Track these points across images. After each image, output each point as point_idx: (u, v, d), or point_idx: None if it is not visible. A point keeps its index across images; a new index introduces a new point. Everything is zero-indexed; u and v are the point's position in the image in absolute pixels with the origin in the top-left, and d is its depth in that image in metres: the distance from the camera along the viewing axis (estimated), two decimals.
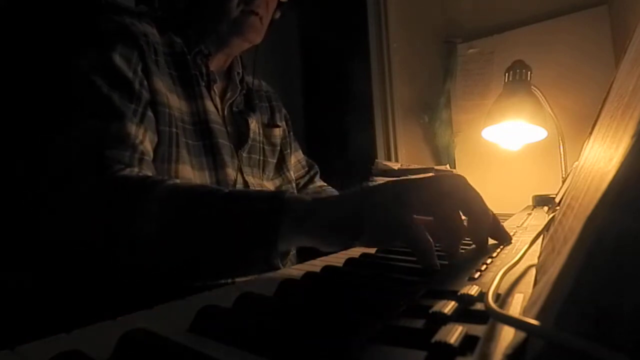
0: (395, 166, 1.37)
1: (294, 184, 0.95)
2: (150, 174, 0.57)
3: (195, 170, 0.69)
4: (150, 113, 0.62)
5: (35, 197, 0.61)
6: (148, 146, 0.60)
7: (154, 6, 0.83)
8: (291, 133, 1.01)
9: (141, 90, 0.62)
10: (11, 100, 0.79)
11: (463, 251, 0.44)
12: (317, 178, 1.05)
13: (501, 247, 0.44)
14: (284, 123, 0.98)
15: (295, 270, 0.45)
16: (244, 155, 0.82)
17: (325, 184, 1.06)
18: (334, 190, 1.04)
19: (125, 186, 0.51)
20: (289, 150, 0.97)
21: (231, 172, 0.75)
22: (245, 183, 0.78)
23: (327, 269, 0.40)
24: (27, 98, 0.78)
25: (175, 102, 0.70)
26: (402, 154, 1.72)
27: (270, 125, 0.93)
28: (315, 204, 0.44)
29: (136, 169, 0.56)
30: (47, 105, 0.66)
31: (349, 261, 0.44)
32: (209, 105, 0.76)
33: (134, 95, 0.61)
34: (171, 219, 0.49)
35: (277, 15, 0.84)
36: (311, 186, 1.02)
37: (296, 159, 1.02)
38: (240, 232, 0.45)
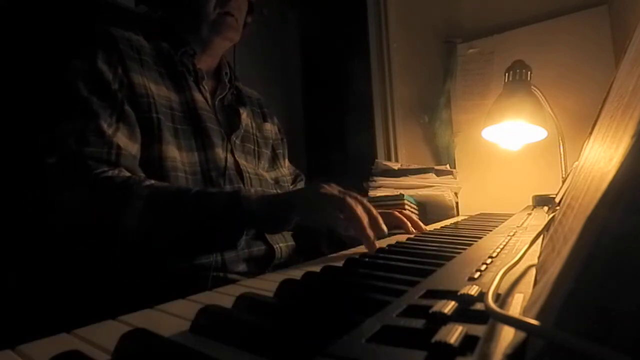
0: (395, 166, 1.37)
1: (287, 178, 1.00)
2: (127, 172, 0.65)
3: (183, 152, 0.74)
4: (127, 108, 0.69)
5: (33, 196, 0.65)
6: (123, 140, 0.66)
7: (154, 6, 0.85)
8: (284, 140, 1.06)
9: (121, 88, 0.69)
10: (10, 101, 0.80)
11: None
12: (301, 184, 1.09)
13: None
14: (275, 127, 1.03)
15: (295, 270, 0.45)
16: (237, 142, 0.85)
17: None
18: None
19: (110, 187, 0.60)
20: (281, 150, 1.02)
21: (220, 152, 0.78)
22: (237, 163, 0.81)
23: (327, 269, 0.40)
24: (25, 98, 0.81)
25: (163, 92, 0.75)
26: (402, 154, 1.72)
27: (261, 122, 0.98)
28: (261, 199, 0.59)
29: (116, 171, 0.63)
30: (39, 106, 0.74)
31: (349, 261, 0.44)
32: (197, 95, 0.80)
33: (112, 96, 0.68)
34: (152, 214, 0.60)
35: (249, 19, 0.90)
36: (292, 187, 1.06)
37: (287, 164, 1.07)
38: (210, 222, 0.59)
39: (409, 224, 0.75)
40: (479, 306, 0.23)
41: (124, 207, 0.59)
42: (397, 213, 0.77)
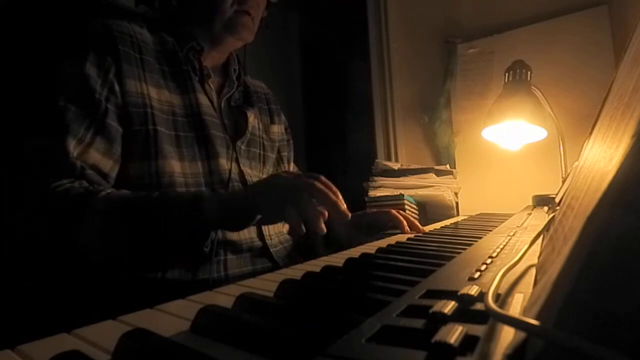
0: (395, 166, 1.37)
1: None
2: (87, 184, 0.61)
3: (185, 162, 0.71)
4: (109, 121, 0.65)
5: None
6: (97, 156, 0.63)
7: (154, 6, 0.84)
8: (291, 142, 1.03)
9: (109, 97, 0.65)
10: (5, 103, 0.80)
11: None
12: None
13: None
14: (282, 126, 1.00)
15: (295, 270, 0.45)
16: (243, 147, 0.82)
17: None
18: None
19: (63, 202, 0.57)
20: (286, 153, 0.99)
21: (224, 163, 0.76)
22: (242, 173, 0.79)
23: (327, 269, 0.40)
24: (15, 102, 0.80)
25: (165, 97, 0.72)
26: (402, 154, 1.72)
27: (268, 123, 0.95)
28: (222, 201, 0.57)
29: (76, 183, 0.60)
30: (25, 112, 0.73)
31: (349, 261, 0.44)
32: (202, 98, 0.77)
33: (94, 106, 0.64)
34: (110, 229, 0.57)
35: (265, 13, 0.85)
36: None
37: (292, 167, 1.04)
38: (171, 229, 0.57)
39: (405, 223, 0.74)
40: (479, 306, 0.23)
41: (79, 224, 0.57)
42: (394, 211, 0.76)
